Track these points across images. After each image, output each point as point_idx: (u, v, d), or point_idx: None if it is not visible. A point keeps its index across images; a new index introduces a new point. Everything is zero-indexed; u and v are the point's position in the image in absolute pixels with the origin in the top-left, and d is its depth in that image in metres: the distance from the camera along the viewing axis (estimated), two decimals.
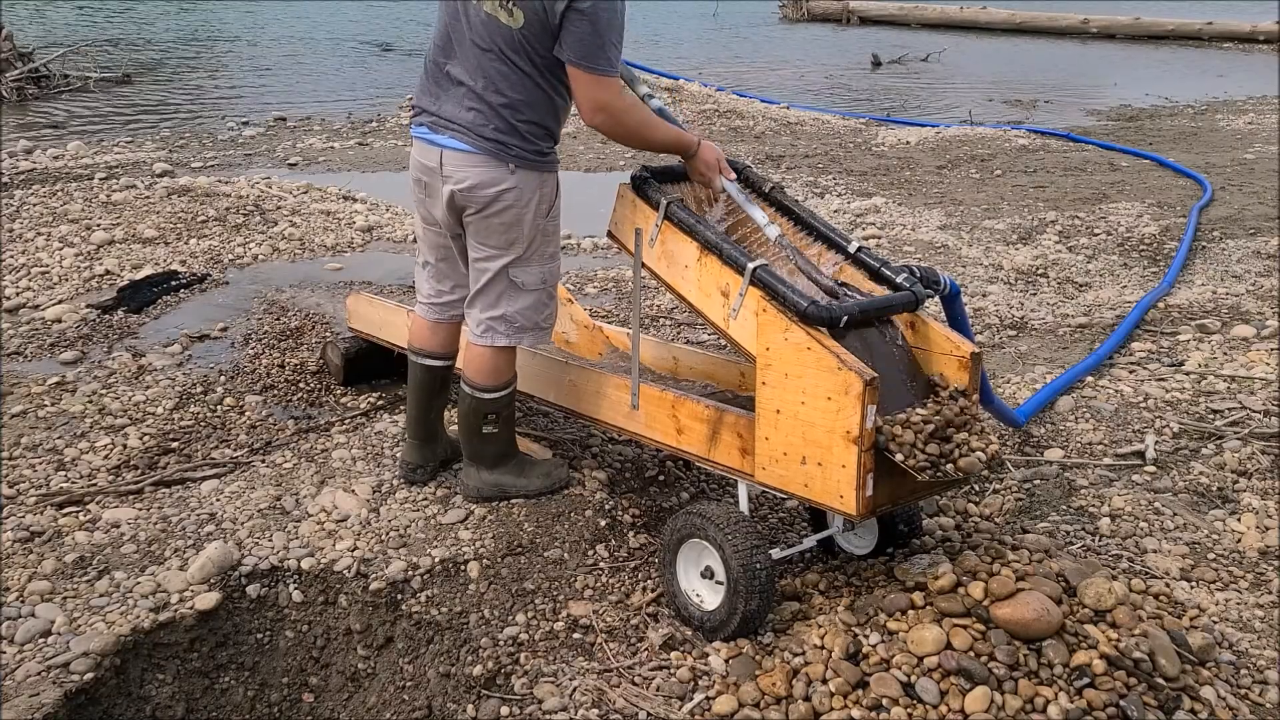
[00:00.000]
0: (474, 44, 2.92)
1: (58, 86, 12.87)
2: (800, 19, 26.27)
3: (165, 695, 2.76)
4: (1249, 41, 21.18)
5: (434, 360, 3.38)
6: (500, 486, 3.29)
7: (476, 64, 2.92)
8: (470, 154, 2.96)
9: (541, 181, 3.02)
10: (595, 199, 7.72)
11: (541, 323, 3.18)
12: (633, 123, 2.93)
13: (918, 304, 2.78)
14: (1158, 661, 2.45)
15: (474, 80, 2.93)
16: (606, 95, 2.83)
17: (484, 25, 2.89)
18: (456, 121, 2.97)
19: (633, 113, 2.93)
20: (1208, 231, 7.00)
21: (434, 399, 3.44)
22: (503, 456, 3.31)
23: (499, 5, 2.85)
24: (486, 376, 3.18)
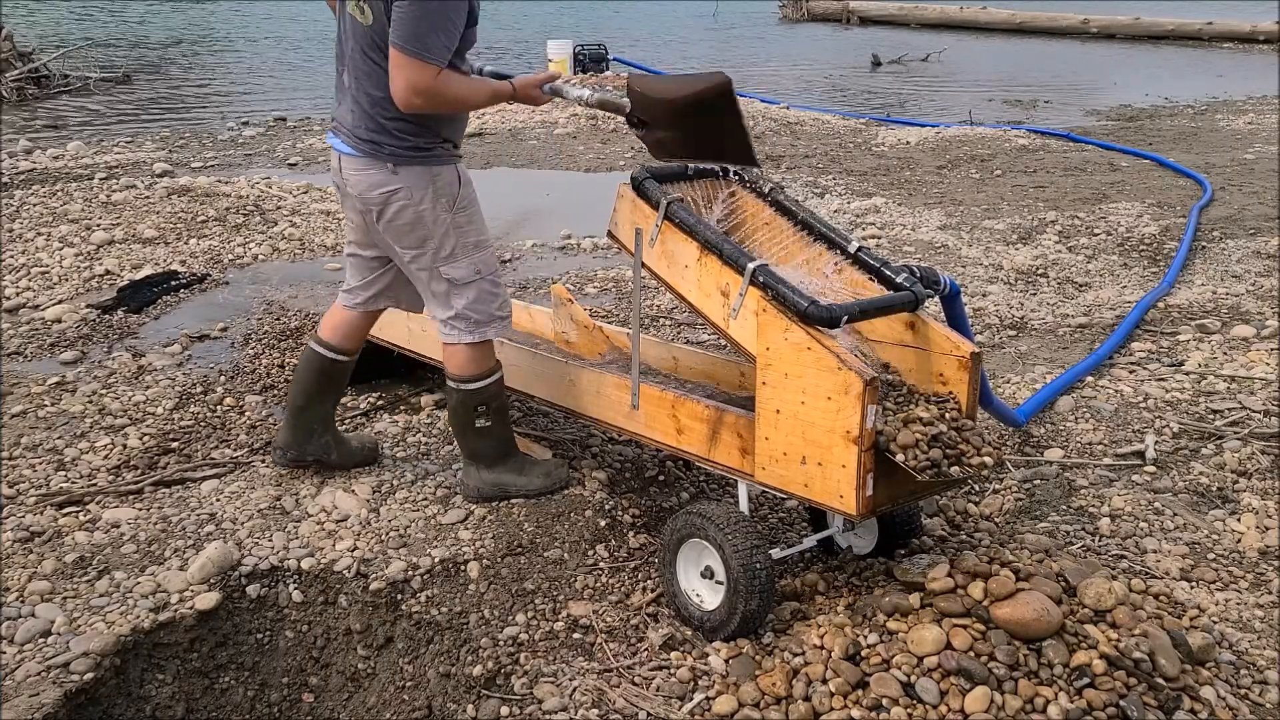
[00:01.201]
0: (351, 46, 2.99)
1: (58, 86, 12.88)
2: (800, 19, 26.28)
3: (165, 695, 2.76)
4: (1249, 41, 21.19)
5: (322, 349, 3.35)
6: (501, 485, 3.29)
7: (352, 66, 2.99)
8: (354, 157, 3.02)
9: (432, 176, 3.00)
10: (595, 199, 7.74)
11: (496, 312, 3.17)
12: (451, 95, 2.89)
13: (918, 304, 2.78)
14: (1158, 661, 2.45)
15: (352, 82, 3.00)
16: (423, 79, 2.82)
17: (351, 27, 2.96)
18: (343, 125, 3.05)
19: (449, 87, 2.88)
20: (1208, 231, 7.00)
21: (313, 389, 3.38)
22: (501, 455, 3.31)
23: (356, 5, 2.92)
24: (464, 368, 3.19)
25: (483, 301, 3.14)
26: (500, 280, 3.19)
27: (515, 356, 3.49)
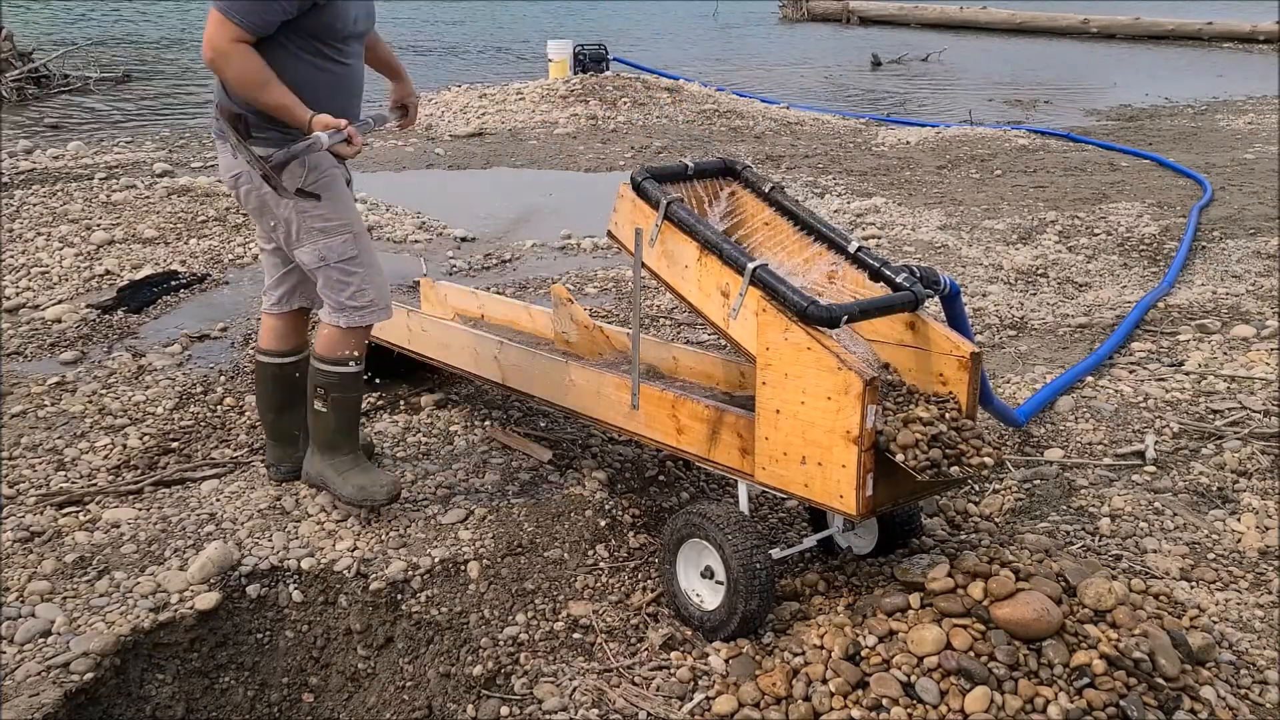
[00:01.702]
0: None
1: (58, 86, 12.87)
2: (800, 19, 26.27)
3: (165, 695, 2.76)
4: (1249, 41, 21.18)
5: (266, 357, 3.35)
6: (322, 477, 3.25)
7: None
8: (217, 141, 3.08)
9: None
10: (595, 199, 7.74)
11: (347, 301, 3.07)
12: (236, 67, 2.85)
13: (918, 304, 2.78)
14: (1158, 661, 2.45)
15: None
16: (217, 35, 2.81)
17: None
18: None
19: (236, 61, 2.84)
20: (1208, 231, 7.00)
21: (275, 398, 3.38)
22: (330, 446, 3.23)
23: None
24: (319, 345, 3.15)
25: (330, 288, 3.08)
26: (357, 270, 3.06)
27: (515, 356, 3.49)
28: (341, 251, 3.05)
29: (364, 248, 3.10)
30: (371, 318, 3.13)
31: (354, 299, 3.08)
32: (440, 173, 8.95)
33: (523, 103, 11.78)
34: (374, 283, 3.11)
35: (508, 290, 5.51)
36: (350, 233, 3.06)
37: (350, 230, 3.07)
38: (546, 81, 12.60)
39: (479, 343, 3.64)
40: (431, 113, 11.68)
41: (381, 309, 3.14)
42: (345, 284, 3.07)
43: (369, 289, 3.09)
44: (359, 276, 3.08)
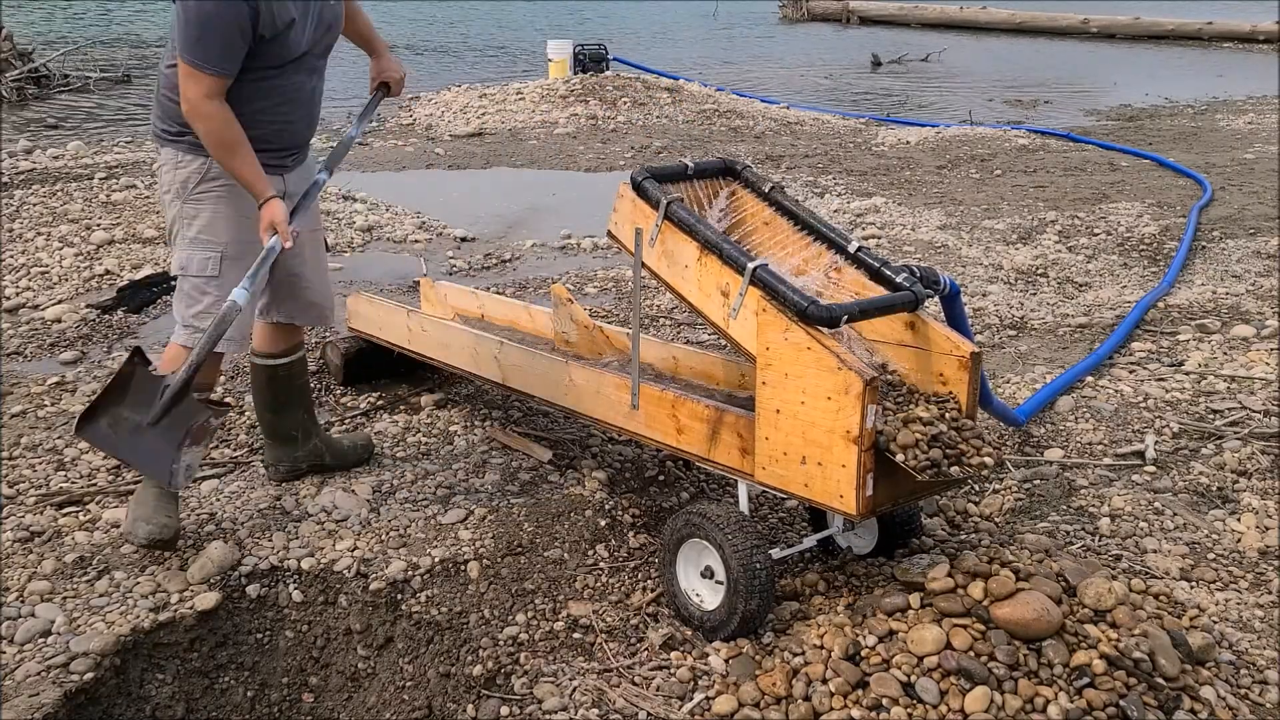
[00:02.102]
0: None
1: (58, 86, 12.87)
2: (800, 19, 26.27)
3: (165, 695, 2.76)
4: (1249, 41, 21.18)
5: (258, 359, 3.34)
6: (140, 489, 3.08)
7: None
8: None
9: (177, 162, 2.95)
10: (595, 199, 7.74)
11: (191, 319, 2.97)
12: (206, 129, 2.83)
13: (918, 304, 2.78)
14: (1158, 661, 2.45)
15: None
16: (191, 90, 2.78)
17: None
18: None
19: (210, 119, 2.81)
20: (1208, 231, 7.00)
21: (270, 398, 3.37)
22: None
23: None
24: (163, 363, 3.02)
25: (181, 300, 3.01)
26: (210, 291, 2.95)
27: (515, 356, 3.49)
28: (201, 267, 2.96)
29: (231, 274, 2.93)
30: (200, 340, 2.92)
31: (198, 319, 2.95)
32: (440, 173, 8.95)
33: (523, 103, 11.78)
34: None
35: (508, 290, 5.51)
36: (218, 253, 2.96)
37: (219, 251, 2.96)
38: (546, 81, 12.60)
39: (479, 343, 3.64)
40: (431, 113, 11.68)
41: (226, 340, 2.93)
42: (195, 300, 2.97)
43: (206, 315, 2.94)
44: (211, 298, 2.94)
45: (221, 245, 2.96)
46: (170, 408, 2.86)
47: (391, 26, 23.04)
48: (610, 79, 12.53)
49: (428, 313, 4.05)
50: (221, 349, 2.94)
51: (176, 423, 2.86)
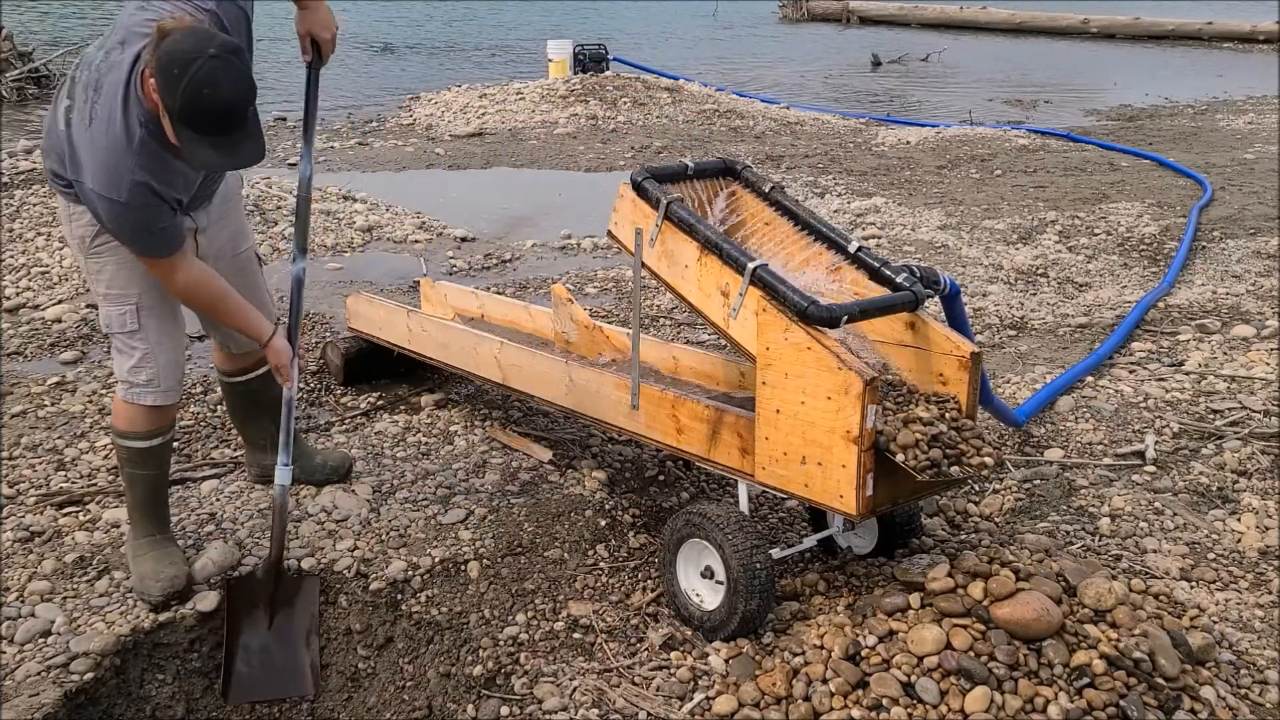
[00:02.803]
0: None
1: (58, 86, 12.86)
2: (800, 19, 26.26)
3: (165, 695, 2.76)
4: (1249, 41, 21.18)
5: (220, 375, 3.29)
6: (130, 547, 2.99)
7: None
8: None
9: (71, 214, 2.73)
10: (595, 199, 7.74)
11: (127, 375, 2.81)
12: (199, 300, 2.76)
13: (918, 304, 2.78)
14: (1158, 661, 2.45)
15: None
16: (165, 278, 2.67)
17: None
18: None
19: (198, 295, 2.73)
20: (1208, 231, 7.00)
21: (237, 410, 3.36)
22: (132, 521, 2.99)
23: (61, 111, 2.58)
24: (113, 415, 2.94)
25: (116, 356, 2.86)
26: (138, 345, 2.79)
27: (515, 356, 3.49)
28: (121, 323, 2.78)
29: (151, 324, 2.79)
30: (148, 398, 2.82)
31: (133, 374, 2.81)
32: (440, 173, 8.95)
33: (523, 103, 11.78)
34: (158, 361, 2.81)
35: (508, 290, 5.51)
36: (133, 305, 2.76)
37: (133, 303, 2.76)
38: (546, 81, 12.60)
39: (479, 343, 3.64)
40: (431, 113, 11.68)
41: (162, 391, 2.83)
42: (126, 356, 2.81)
43: (148, 366, 2.80)
44: (139, 352, 2.79)
45: (134, 297, 2.76)
46: (275, 601, 2.87)
47: (392, 26, 23.06)
48: (610, 79, 12.53)
49: (428, 313, 4.06)
50: (158, 400, 2.84)
51: (291, 614, 2.87)
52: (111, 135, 2.43)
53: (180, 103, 2.31)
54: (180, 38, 2.33)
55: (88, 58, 2.57)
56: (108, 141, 2.43)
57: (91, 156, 2.45)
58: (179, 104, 2.32)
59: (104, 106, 2.44)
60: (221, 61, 2.32)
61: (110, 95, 2.43)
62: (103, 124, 2.43)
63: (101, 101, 2.44)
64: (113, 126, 2.43)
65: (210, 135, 2.36)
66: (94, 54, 2.56)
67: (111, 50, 2.50)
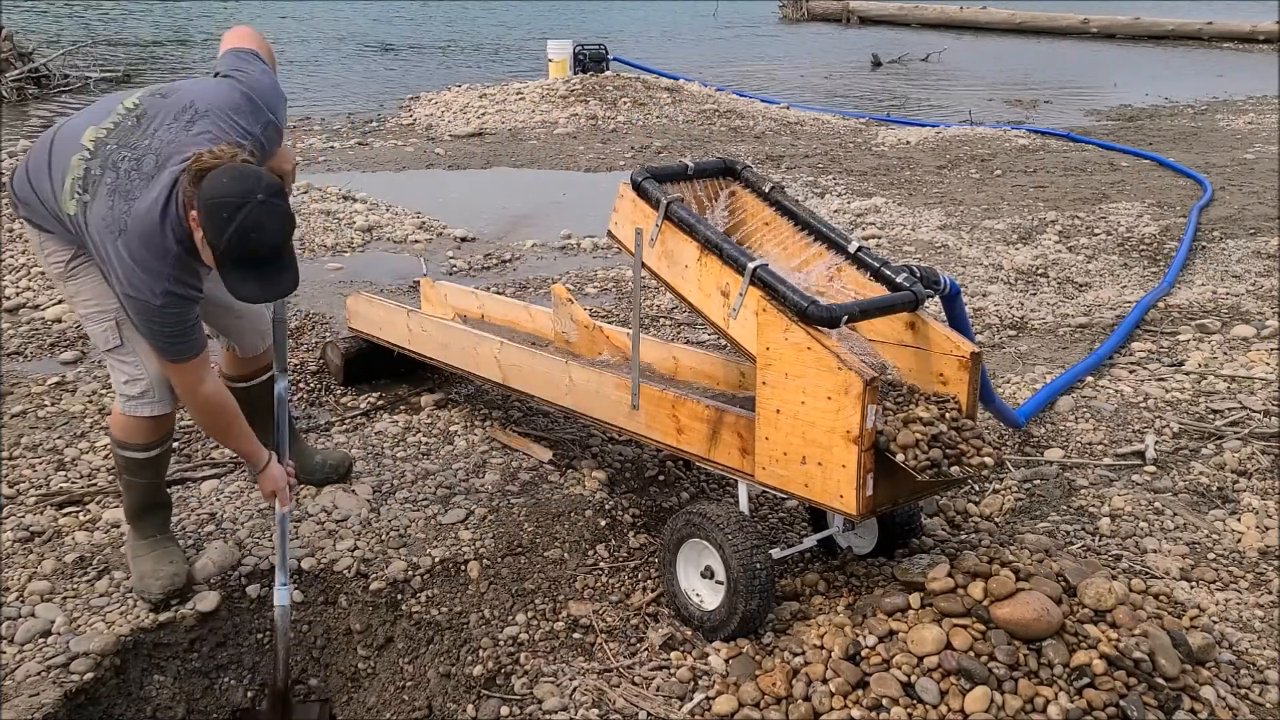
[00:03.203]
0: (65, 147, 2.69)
1: (58, 86, 12.87)
2: (800, 19, 26.27)
3: (165, 695, 2.76)
4: (1249, 41, 21.18)
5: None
6: (130, 548, 3.01)
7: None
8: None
9: (45, 248, 2.77)
10: (596, 199, 7.73)
11: (124, 389, 2.82)
12: (209, 423, 2.79)
13: (918, 304, 2.78)
14: (1158, 661, 2.45)
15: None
16: (184, 381, 2.68)
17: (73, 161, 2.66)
18: None
19: (211, 411, 2.74)
20: (1208, 231, 7.00)
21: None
22: (130, 521, 3.01)
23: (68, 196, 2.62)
24: (110, 423, 2.94)
25: (110, 370, 2.87)
26: (127, 359, 2.79)
27: (515, 356, 3.49)
28: (105, 340, 2.79)
29: (133, 335, 2.76)
30: (145, 409, 2.82)
31: (128, 387, 2.82)
32: (440, 173, 8.95)
33: (523, 103, 11.78)
34: (149, 372, 2.79)
35: (508, 290, 5.51)
36: (111, 321, 2.77)
37: (111, 319, 2.77)
38: (546, 81, 12.60)
39: (479, 343, 3.64)
40: (431, 113, 11.68)
41: (157, 401, 2.82)
42: (120, 370, 2.82)
43: (141, 379, 2.80)
44: (130, 365, 2.80)
45: (112, 313, 2.76)
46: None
47: (392, 26, 23.07)
48: (610, 79, 12.53)
49: (428, 313, 4.05)
50: (155, 411, 2.83)
51: None
52: (148, 250, 2.50)
53: (227, 245, 2.41)
54: (227, 180, 2.41)
55: (109, 156, 2.58)
56: (143, 256, 2.50)
57: (122, 264, 2.51)
58: (225, 245, 2.41)
59: (139, 222, 2.50)
60: (268, 207, 2.41)
61: (146, 213, 2.50)
62: (136, 238, 2.49)
63: (134, 216, 2.50)
64: (149, 242, 2.50)
65: (252, 271, 2.46)
66: (116, 153, 2.58)
67: (144, 159, 2.55)
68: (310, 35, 20.98)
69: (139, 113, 2.65)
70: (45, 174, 2.67)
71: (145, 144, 2.58)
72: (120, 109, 2.69)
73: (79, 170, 2.59)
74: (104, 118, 2.67)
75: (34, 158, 2.73)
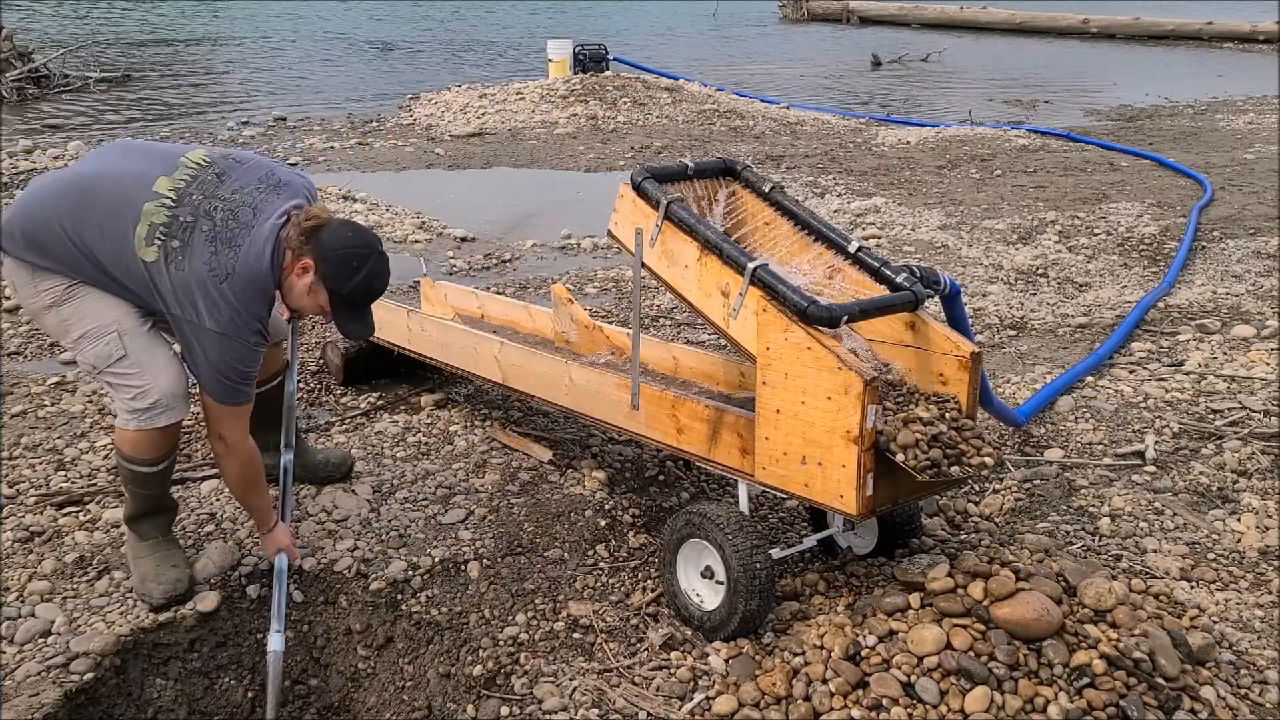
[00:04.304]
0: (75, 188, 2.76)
1: (58, 86, 12.87)
2: (800, 19, 26.28)
3: (166, 696, 2.76)
4: (1249, 41, 21.20)
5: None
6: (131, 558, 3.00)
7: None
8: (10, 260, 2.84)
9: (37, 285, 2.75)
10: (596, 199, 7.74)
11: (131, 404, 2.78)
12: (239, 475, 2.83)
13: (918, 304, 2.78)
14: (1158, 661, 2.45)
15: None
16: (231, 430, 2.75)
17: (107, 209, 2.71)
18: None
19: (245, 463, 2.81)
20: (1208, 231, 7.00)
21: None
22: (131, 523, 2.99)
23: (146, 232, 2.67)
24: (115, 439, 2.90)
25: (114, 393, 2.84)
26: (132, 371, 2.76)
27: (515, 356, 3.49)
28: (108, 355, 2.76)
29: (137, 346, 2.77)
30: (160, 420, 2.79)
31: (138, 400, 2.77)
32: (440, 173, 8.95)
33: (523, 103, 11.78)
34: (157, 382, 2.77)
35: (508, 290, 5.51)
36: (114, 332, 2.75)
37: (114, 330, 2.75)
38: (546, 81, 12.60)
39: (479, 343, 3.64)
40: (431, 113, 11.68)
41: (170, 409, 2.79)
42: (125, 387, 2.78)
43: (151, 389, 2.77)
44: (136, 378, 2.77)
45: (113, 324, 2.76)
46: None
47: (392, 26, 23.06)
48: (610, 79, 12.54)
49: (428, 313, 4.05)
50: (170, 420, 2.81)
51: None
52: (253, 293, 2.69)
53: (352, 289, 2.75)
54: (351, 234, 2.77)
55: (199, 205, 2.70)
56: (248, 298, 2.67)
57: (225, 306, 2.65)
58: (351, 290, 2.75)
59: (247, 268, 2.66)
60: (384, 258, 2.85)
61: (256, 260, 2.67)
62: (244, 283, 2.66)
63: (242, 263, 2.66)
64: (255, 287, 2.69)
65: (361, 312, 2.85)
66: (206, 203, 2.71)
67: (239, 211, 2.71)
68: (310, 35, 20.97)
69: (217, 170, 2.79)
70: (93, 223, 2.69)
71: (236, 199, 2.73)
72: (190, 163, 2.79)
73: (160, 218, 2.68)
74: (173, 169, 2.76)
75: (64, 206, 2.71)
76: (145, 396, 2.77)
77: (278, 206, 2.74)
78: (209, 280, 2.63)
